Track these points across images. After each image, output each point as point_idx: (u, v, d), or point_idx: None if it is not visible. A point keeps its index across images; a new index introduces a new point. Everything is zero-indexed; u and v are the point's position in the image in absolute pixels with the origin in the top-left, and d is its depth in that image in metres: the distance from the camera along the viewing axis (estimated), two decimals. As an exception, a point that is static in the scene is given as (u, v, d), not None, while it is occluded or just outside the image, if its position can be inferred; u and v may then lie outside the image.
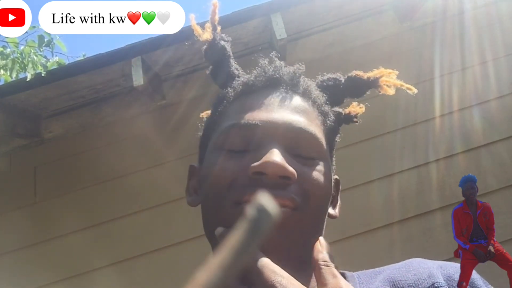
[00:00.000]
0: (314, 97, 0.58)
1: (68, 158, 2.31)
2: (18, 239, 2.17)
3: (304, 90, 0.58)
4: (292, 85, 0.58)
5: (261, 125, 0.53)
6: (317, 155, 0.54)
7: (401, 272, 0.56)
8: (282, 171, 0.49)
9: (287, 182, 0.50)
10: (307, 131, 0.54)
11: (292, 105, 0.56)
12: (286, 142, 0.52)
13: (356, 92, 0.61)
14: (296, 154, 0.53)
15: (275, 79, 0.58)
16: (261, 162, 0.49)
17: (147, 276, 2.07)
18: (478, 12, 2.24)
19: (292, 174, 0.49)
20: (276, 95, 0.56)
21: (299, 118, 0.54)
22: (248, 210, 0.21)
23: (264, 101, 0.55)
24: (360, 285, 0.56)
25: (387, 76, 0.60)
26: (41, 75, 2.09)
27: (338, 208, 0.63)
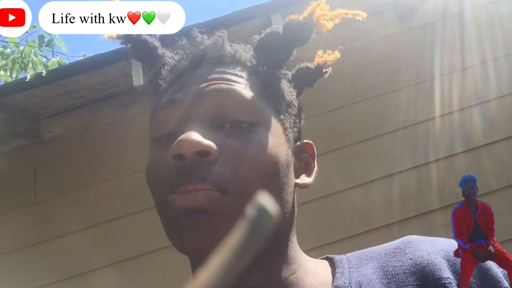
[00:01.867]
0: (244, 59, 0.53)
1: (68, 158, 2.31)
2: (18, 239, 2.17)
3: (231, 57, 0.53)
4: (217, 56, 0.53)
5: (179, 99, 0.49)
6: (253, 120, 0.48)
7: (395, 256, 0.52)
8: (195, 146, 0.44)
9: (207, 160, 0.45)
10: (235, 94, 0.48)
11: (216, 74, 0.51)
12: (210, 113, 0.48)
13: (299, 38, 0.54)
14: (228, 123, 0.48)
15: (198, 55, 0.54)
16: (175, 143, 0.45)
17: (147, 276, 2.07)
18: (478, 12, 2.24)
19: (209, 147, 0.44)
20: (201, 71, 0.52)
21: (223, 86, 0.49)
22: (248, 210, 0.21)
23: (188, 81, 0.51)
24: (350, 270, 0.52)
25: (319, 9, 0.53)
26: (41, 75, 2.09)
27: (314, 174, 0.56)
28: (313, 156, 0.58)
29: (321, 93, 2.21)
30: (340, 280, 0.51)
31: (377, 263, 0.53)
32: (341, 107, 2.18)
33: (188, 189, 0.44)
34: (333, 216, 2.01)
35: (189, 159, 0.45)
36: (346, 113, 2.18)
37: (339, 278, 0.51)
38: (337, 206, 2.04)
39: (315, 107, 2.15)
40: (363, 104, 2.17)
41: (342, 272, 0.52)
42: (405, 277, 0.50)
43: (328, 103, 2.17)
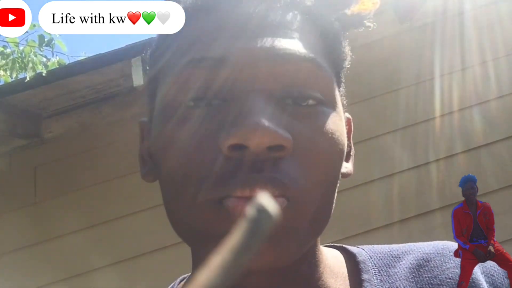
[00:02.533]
0: (308, 6, 0.39)
1: (68, 158, 2.31)
2: (18, 239, 2.17)
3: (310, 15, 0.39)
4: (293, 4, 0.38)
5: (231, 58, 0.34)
6: (322, 95, 0.36)
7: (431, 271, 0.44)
8: (271, 140, 0.32)
9: (280, 155, 0.33)
10: (305, 59, 0.36)
11: (275, 21, 0.36)
12: (274, 83, 0.35)
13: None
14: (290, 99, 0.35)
15: None
16: (238, 128, 0.32)
17: (147, 276, 2.07)
18: (478, 12, 2.24)
19: (286, 141, 0.33)
20: (247, 8, 0.36)
21: (290, 40, 0.36)
22: (248, 210, 0.21)
23: (231, 21, 0.36)
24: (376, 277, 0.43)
25: None
26: (41, 75, 2.09)
27: (351, 160, 0.46)
28: (350, 134, 0.47)
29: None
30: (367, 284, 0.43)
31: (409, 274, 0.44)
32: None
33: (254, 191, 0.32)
34: (333, 216, 2.01)
35: (255, 153, 0.33)
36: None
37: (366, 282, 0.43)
38: (337, 206, 2.04)
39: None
40: (363, 104, 2.17)
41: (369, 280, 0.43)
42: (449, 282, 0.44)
43: (328, 103, 2.17)
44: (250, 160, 0.33)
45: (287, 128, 0.34)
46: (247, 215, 0.21)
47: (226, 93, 0.35)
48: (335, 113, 0.38)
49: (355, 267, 0.45)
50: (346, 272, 0.45)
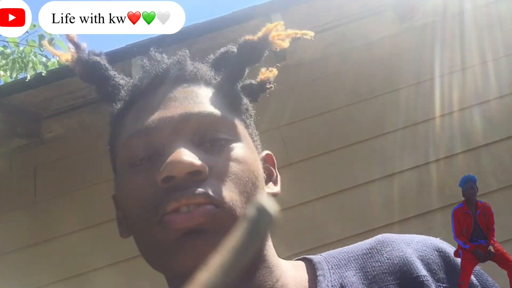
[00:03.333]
0: (207, 78, 0.55)
1: (68, 158, 2.31)
2: (18, 239, 2.17)
3: (193, 75, 0.54)
4: (179, 75, 0.54)
5: (156, 126, 0.48)
6: (229, 135, 0.50)
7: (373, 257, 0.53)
8: (188, 167, 0.44)
9: (200, 178, 0.45)
10: (208, 114, 0.49)
11: (184, 94, 0.51)
12: (190, 135, 0.48)
13: (253, 57, 0.56)
14: (207, 143, 0.49)
15: (160, 75, 0.54)
16: (164, 166, 0.45)
17: (147, 276, 2.07)
18: (478, 12, 2.24)
19: (201, 166, 0.45)
20: (166, 90, 0.52)
21: (195, 104, 0.50)
22: (248, 210, 0.21)
23: (155, 101, 0.51)
24: (330, 271, 0.53)
25: (275, 30, 0.55)
26: (41, 75, 2.09)
27: (279, 183, 0.58)
28: (274, 165, 0.59)
29: (321, 93, 2.22)
30: (323, 284, 0.51)
31: (356, 264, 0.53)
32: (341, 107, 2.18)
33: (182, 203, 0.44)
34: (333, 216, 2.01)
35: (180, 179, 0.44)
36: (346, 113, 2.18)
37: (321, 282, 0.52)
38: (337, 206, 2.04)
39: (315, 107, 2.15)
40: (363, 104, 2.17)
41: (323, 275, 0.52)
42: (384, 276, 0.51)
43: (328, 103, 2.17)
44: (178, 184, 0.45)
45: (204, 160, 0.46)
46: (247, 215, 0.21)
47: (158, 149, 0.48)
48: (242, 145, 0.50)
49: (312, 268, 0.55)
50: (305, 274, 0.54)
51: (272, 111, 1.99)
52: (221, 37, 1.98)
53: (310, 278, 0.53)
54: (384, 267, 0.52)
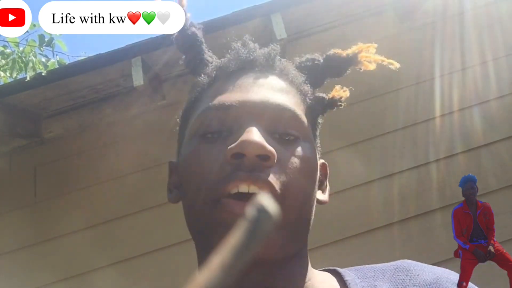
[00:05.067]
0: (292, 76, 0.56)
1: (68, 158, 2.31)
2: (18, 239, 2.17)
3: (280, 70, 0.56)
4: (267, 66, 0.56)
5: (237, 105, 0.50)
6: (299, 133, 0.51)
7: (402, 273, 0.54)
8: (260, 149, 0.45)
9: (266, 164, 0.46)
10: (286, 108, 0.51)
11: (268, 84, 0.53)
12: (265, 122, 0.49)
13: (336, 71, 0.58)
14: (277, 134, 0.50)
15: (249, 61, 0.56)
16: (237, 142, 0.46)
17: (147, 276, 2.07)
18: (478, 12, 2.24)
19: (271, 152, 0.46)
20: (252, 76, 0.54)
21: (277, 95, 0.52)
22: (248, 210, 0.21)
23: (239, 83, 0.53)
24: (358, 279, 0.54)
25: (366, 51, 0.57)
26: (41, 75, 2.09)
27: (327, 193, 0.60)
28: (326, 175, 0.62)
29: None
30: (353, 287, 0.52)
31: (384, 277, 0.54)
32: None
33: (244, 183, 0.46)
34: (333, 216, 2.01)
35: (249, 159, 0.46)
36: (346, 113, 2.17)
37: (352, 285, 0.53)
38: (337, 206, 2.04)
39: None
40: (363, 104, 2.17)
41: (353, 280, 0.54)
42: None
43: (328, 103, 2.17)
44: (246, 164, 0.46)
45: (273, 147, 0.47)
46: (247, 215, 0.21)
47: (232, 127, 0.50)
48: (308, 145, 0.52)
49: (339, 276, 0.56)
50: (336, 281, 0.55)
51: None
52: (221, 37, 1.98)
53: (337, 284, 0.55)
54: (414, 281, 0.52)
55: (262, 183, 0.45)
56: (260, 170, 0.46)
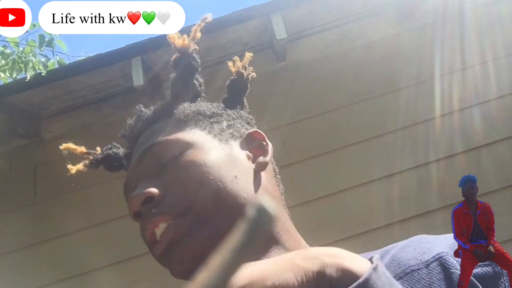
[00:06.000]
0: (161, 111, 0.62)
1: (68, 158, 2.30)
2: (18, 239, 2.17)
3: (152, 118, 0.62)
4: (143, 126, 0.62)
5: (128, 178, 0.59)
6: (178, 152, 0.54)
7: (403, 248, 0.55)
8: (138, 200, 0.52)
9: (155, 201, 0.52)
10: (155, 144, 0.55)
11: (142, 140, 0.59)
12: (147, 168, 0.55)
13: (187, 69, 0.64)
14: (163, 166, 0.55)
15: (133, 136, 0.63)
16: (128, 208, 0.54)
17: (147, 276, 2.07)
18: (478, 12, 2.24)
19: (148, 193, 0.52)
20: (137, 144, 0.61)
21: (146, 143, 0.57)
22: (247, 210, 0.21)
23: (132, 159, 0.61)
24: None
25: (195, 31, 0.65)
26: (41, 75, 2.09)
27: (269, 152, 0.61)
28: (263, 138, 0.62)
29: (321, 93, 2.22)
30: None
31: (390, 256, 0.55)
32: (341, 107, 2.18)
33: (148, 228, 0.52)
34: (333, 216, 2.01)
35: (144, 211, 0.52)
36: (346, 113, 2.17)
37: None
38: (337, 206, 2.04)
39: (315, 107, 2.15)
40: (363, 104, 2.17)
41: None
42: (407, 261, 0.52)
43: (328, 103, 2.17)
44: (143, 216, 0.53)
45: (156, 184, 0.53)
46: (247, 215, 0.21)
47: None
48: (192, 151, 0.54)
49: None
50: None
51: (272, 111, 1.99)
52: (221, 37, 1.98)
53: None
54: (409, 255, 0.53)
55: (158, 219, 0.51)
56: (154, 209, 0.52)
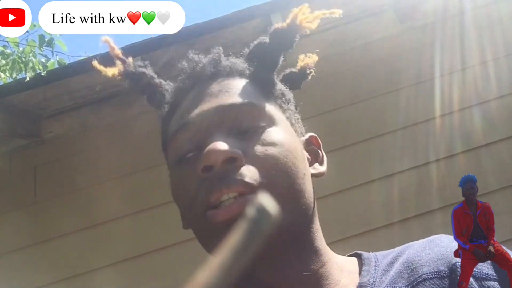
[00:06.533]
0: (241, 70, 0.57)
1: (68, 158, 2.30)
2: (18, 239, 2.17)
3: (229, 70, 0.57)
4: (215, 71, 0.57)
5: (194, 121, 0.52)
6: (262, 122, 0.52)
7: (418, 252, 0.54)
8: (223, 155, 0.47)
9: (237, 165, 0.48)
10: (239, 105, 0.52)
11: (220, 88, 0.55)
12: (224, 126, 0.51)
13: (285, 43, 0.58)
14: (240, 131, 0.51)
15: (197, 75, 0.57)
16: (201, 157, 0.48)
17: (147, 276, 2.07)
18: (478, 12, 2.24)
19: (234, 153, 0.48)
20: (203, 87, 0.56)
21: (229, 96, 0.53)
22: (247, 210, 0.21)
23: (194, 98, 0.55)
24: (376, 268, 0.54)
25: (301, 13, 0.56)
26: (41, 75, 2.09)
27: (325, 163, 0.61)
28: (319, 146, 0.62)
29: (321, 93, 2.21)
30: (365, 278, 0.52)
31: (401, 259, 0.54)
32: (341, 107, 2.18)
33: (223, 192, 0.47)
34: (333, 216, 2.01)
35: (218, 168, 0.48)
36: (346, 113, 2.17)
37: (364, 276, 0.53)
38: (337, 206, 2.04)
39: (315, 107, 2.15)
40: (363, 104, 2.17)
41: (368, 270, 0.54)
42: (420, 268, 0.51)
43: (328, 103, 2.17)
44: (217, 173, 0.48)
45: (239, 147, 0.49)
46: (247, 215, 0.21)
47: (199, 143, 0.51)
48: (277, 128, 0.52)
49: (361, 263, 0.56)
50: (355, 268, 0.56)
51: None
52: (221, 37, 1.98)
53: (356, 273, 0.55)
54: (422, 261, 0.52)
55: (236, 186, 0.47)
56: (233, 174, 0.47)
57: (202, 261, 0.22)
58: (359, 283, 0.52)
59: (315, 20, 0.57)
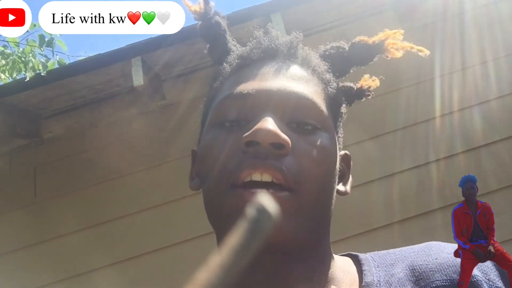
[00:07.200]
0: (314, 65, 0.56)
1: (68, 158, 2.30)
2: (18, 239, 2.17)
3: (302, 59, 0.55)
4: (289, 54, 0.55)
5: (254, 94, 0.50)
6: (317, 123, 0.50)
7: (420, 257, 0.54)
8: (274, 138, 0.45)
9: (281, 153, 0.46)
10: (305, 97, 0.50)
11: (288, 73, 0.53)
12: (282, 111, 0.49)
13: (362, 60, 0.57)
14: (294, 123, 0.50)
15: (271, 49, 0.55)
16: (252, 131, 0.46)
17: (147, 276, 2.07)
18: (478, 12, 2.24)
19: (285, 141, 0.46)
20: (272, 65, 0.53)
21: (296, 85, 0.51)
22: (248, 210, 0.21)
23: (259, 72, 0.53)
24: (376, 268, 0.54)
25: (392, 37, 0.57)
26: (41, 75, 2.09)
27: (349, 185, 0.60)
28: (349, 167, 0.62)
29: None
30: (369, 278, 0.52)
31: (403, 263, 0.54)
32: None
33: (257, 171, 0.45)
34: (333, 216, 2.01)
35: (263, 148, 0.46)
36: (346, 113, 2.17)
37: (367, 276, 0.53)
38: (337, 206, 2.04)
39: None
40: (363, 104, 2.17)
41: (369, 270, 0.54)
42: (431, 274, 0.51)
43: (328, 103, 2.17)
44: (260, 152, 0.46)
45: (290, 138, 0.47)
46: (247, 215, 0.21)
47: (249, 116, 0.49)
48: (327, 135, 0.51)
49: (358, 264, 0.56)
50: (354, 268, 0.56)
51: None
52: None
53: (355, 273, 0.55)
54: (431, 266, 0.52)
55: (275, 171, 0.45)
56: (274, 159, 0.46)
57: (202, 261, 0.22)
58: (365, 282, 0.52)
59: (401, 50, 0.57)
